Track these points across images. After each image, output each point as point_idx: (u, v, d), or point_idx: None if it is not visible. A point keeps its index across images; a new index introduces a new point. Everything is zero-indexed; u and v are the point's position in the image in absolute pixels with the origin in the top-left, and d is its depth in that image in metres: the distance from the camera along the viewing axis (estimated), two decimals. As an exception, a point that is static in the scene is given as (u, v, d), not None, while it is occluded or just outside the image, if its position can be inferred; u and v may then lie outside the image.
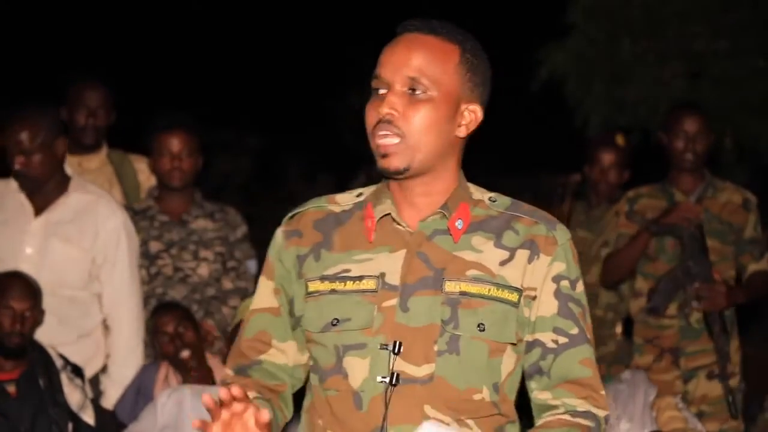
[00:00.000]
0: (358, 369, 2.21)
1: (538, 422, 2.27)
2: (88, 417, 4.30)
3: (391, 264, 2.24)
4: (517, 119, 11.00)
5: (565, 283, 2.27)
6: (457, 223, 2.26)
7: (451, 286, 2.23)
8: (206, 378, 4.58)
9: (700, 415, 4.64)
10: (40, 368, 4.25)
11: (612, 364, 5.11)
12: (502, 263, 2.25)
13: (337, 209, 2.32)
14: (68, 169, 4.63)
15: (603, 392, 2.29)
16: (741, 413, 4.72)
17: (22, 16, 12.91)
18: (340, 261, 2.26)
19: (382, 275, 2.23)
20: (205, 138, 5.07)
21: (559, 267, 2.27)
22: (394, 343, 2.20)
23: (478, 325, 2.22)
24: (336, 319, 2.23)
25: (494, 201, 2.32)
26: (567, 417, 2.24)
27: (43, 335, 4.45)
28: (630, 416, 4.00)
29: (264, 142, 12.99)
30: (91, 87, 5.16)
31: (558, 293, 2.27)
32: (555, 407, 2.26)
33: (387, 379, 2.19)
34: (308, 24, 13.54)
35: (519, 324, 2.25)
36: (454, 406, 2.23)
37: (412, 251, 2.25)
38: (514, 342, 2.26)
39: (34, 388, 4.20)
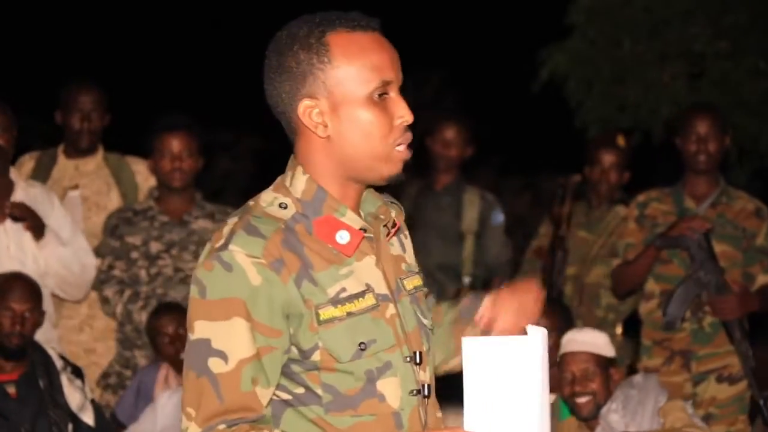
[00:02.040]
0: (393, 388, 2.12)
1: None
2: (88, 418, 4.30)
3: (368, 273, 2.14)
4: (518, 120, 11.00)
5: None
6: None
7: (407, 283, 2.22)
8: (206, 379, 4.57)
9: (708, 418, 4.63)
10: (41, 369, 4.24)
11: (613, 365, 5.10)
12: (403, 249, 2.28)
13: (282, 224, 2.10)
14: None
15: None
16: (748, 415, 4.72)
17: (20, 17, 12.90)
18: (332, 280, 2.09)
19: (369, 286, 2.13)
20: (205, 139, 5.07)
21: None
22: (414, 353, 2.16)
23: (427, 316, 2.26)
24: (363, 343, 2.10)
25: None
26: None
27: (43, 333, 4.48)
28: (638, 424, 3.97)
29: (264, 144, 12.98)
30: (85, 90, 5.16)
31: None
32: None
33: (419, 392, 2.15)
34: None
35: None
36: (436, 404, 2.24)
37: (385, 256, 2.20)
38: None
39: (35, 389, 4.20)
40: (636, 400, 4.01)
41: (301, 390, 2.10)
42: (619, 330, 5.31)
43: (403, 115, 2.12)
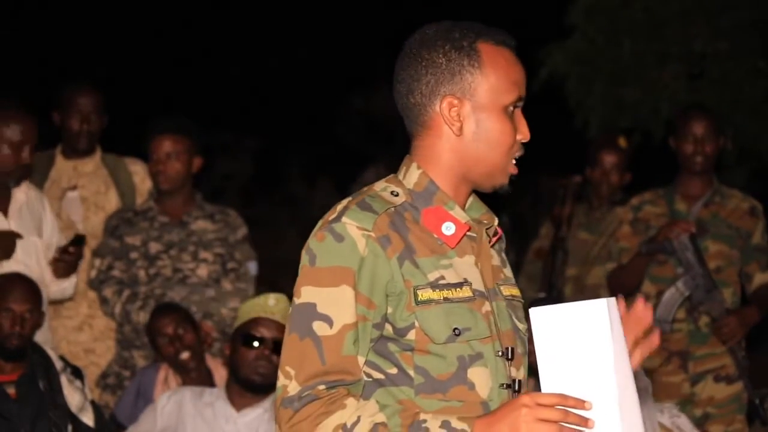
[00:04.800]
0: (483, 379, 2.19)
1: None
2: (88, 419, 4.30)
3: (466, 269, 2.23)
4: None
5: None
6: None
7: (505, 290, 2.30)
8: (206, 379, 4.57)
9: (706, 417, 4.64)
10: (40, 370, 4.24)
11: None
12: (503, 263, 2.36)
13: (392, 207, 2.22)
14: None
15: None
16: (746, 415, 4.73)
17: (20, 20, 12.90)
18: (433, 267, 2.20)
19: (466, 281, 2.22)
20: (204, 140, 5.08)
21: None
22: (507, 349, 2.23)
23: (523, 322, 2.32)
24: (457, 328, 2.18)
25: None
26: None
27: (41, 334, 4.49)
28: None
29: (263, 144, 12.97)
30: (84, 92, 5.19)
31: None
32: None
33: (509, 387, 2.22)
34: (307, 25, 13.54)
35: None
36: None
37: (485, 255, 2.28)
38: None
39: (34, 390, 4.19)
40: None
41: (394, 370, 2.18)
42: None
43: (525, 132, 2.28)
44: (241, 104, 13.17)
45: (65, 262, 4.64)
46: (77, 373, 4.38)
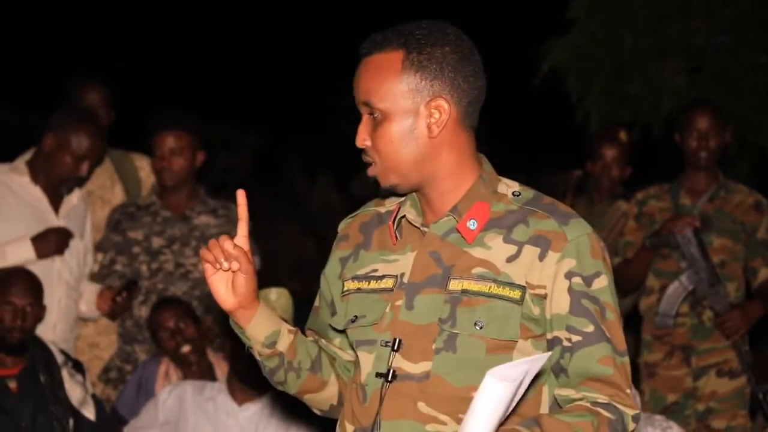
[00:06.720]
0: (366, 364, 2.30)
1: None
2: (89, 413, 4.30)
3: (409, 264, 2.29)
4: (518, 115, 11.00)
5: (577, 279, 2.22)
6: (469, 224, 2.25)
7: (454, 284, 2.23)
8: (207, 373, 4.58)
9: (709, 412, 4.65)
10: (41, 364, 4.24)
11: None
12: (509, 259, 2.23)
13: (382, 210, 2.39)
14: None
15: (629, 391, 2.23)
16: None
17: (25, 17, 12.90)
18: (372, 261, 2.34)
19: (402, 275, 2.29)
20: (205, 134, 5.08)
21: (570, 263, 2.22)
22: (394, 339, 2.25)
23: (476, 323, 2.21)
24: (355, 315, 2.32)
25: (517, 195, 2.29)
26: (587, 404, 2.19)
27: (59, 335, 4.52)
28: None
29: (264, 139, 12.97)
30: (92, 88, 5.22)
31: (570, 290, 2.22)
32: (576, 400, 2.21)
33: (383, 375, 2.26)
34: (309, 20, 13.53)
35: (528, 321, 2.22)
36: (450, 403, 2.23)
37: (423, 251, 2.28)
38: (516, 339, 2.22)
39: (35, 384, 4.20)
40: None
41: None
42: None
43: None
44: (242, 98, 13.17)
45: (118, 305, 4.73)
46: (78, 367, 4.39)
